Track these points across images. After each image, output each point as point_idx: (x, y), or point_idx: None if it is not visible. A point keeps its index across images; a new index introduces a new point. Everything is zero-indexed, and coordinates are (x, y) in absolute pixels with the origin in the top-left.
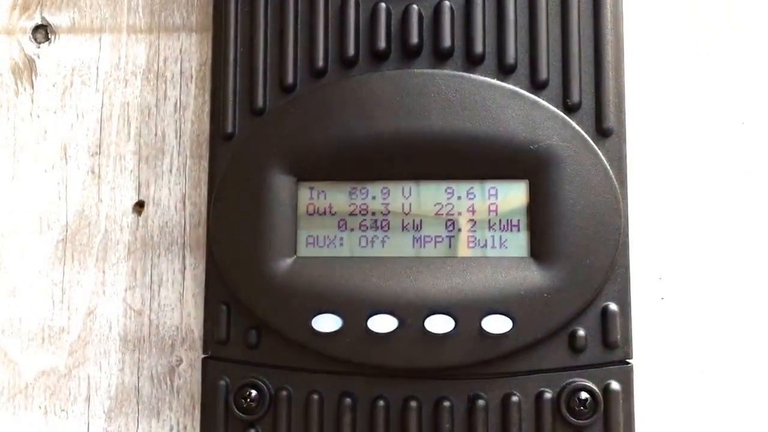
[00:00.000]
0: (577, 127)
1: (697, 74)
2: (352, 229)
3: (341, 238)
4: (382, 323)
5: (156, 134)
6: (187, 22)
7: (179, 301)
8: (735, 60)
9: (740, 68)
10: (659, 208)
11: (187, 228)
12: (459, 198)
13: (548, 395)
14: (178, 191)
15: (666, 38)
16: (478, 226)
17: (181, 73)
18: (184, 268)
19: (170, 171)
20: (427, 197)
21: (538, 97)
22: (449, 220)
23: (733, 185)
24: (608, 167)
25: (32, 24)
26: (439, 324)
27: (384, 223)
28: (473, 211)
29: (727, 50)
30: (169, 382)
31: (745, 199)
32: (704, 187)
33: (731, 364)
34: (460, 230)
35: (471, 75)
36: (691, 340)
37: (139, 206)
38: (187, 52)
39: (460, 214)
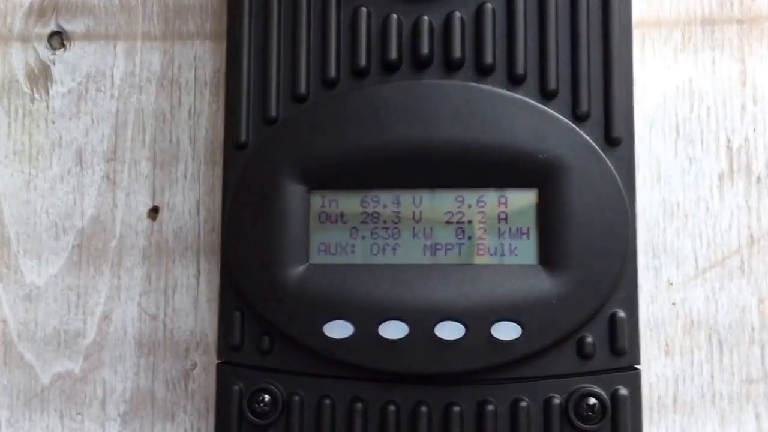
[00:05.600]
0: (586, 137)
1: (707, 79)
2: (363, 237)
3: (353, 246)
4: (393, 329)
5: (170, 140)
6: (201, 30)
7: (194, 305)
8: (745, 65)
9: (751, 74)
10: (669, 213)
11: (201, 233)
12: (469, 206)
13: (557, 401)
14: (193, 197)
15: (675, 46)
16: (488, 233)
17: (195, 79)
18: (199, 273)
19: (185, 177)
20: (438, 205)
21: (548, 107)
22: (459, 227)
23: (746, 191)
24: (617, 176)
25: (48, 31)
26: (449, 330)
27: (395, 231)
28: (483, 219)
29: (738, 57)
30: (183, 386)
31: (758, 205)
32: (716, 194)
33: (743, 369)
34: (470, 238)
35: (481, 85)
36: (701, 345)
37: (154, 212)
38: (201, 59)
39: (470, 222)
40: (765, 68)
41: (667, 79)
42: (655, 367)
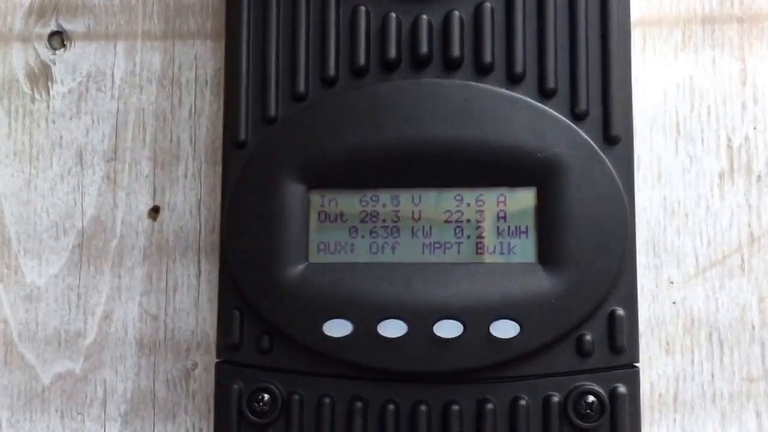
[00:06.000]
0: (585, 135)
1: (707, 78)
2: (362, 236)
3: (352, 245)
4: (392, 328)
5: (171, 140)
6: (202, 29)
7: (194, 305)
8: (745, 64)
9: (751, 72)
10: (670, 212)
11: (202, 233)
12: (468, 205)
13: (555, 399)
14: (193, 196)
15: (675, 44)
16: (487, 232)
17: (195, 79)
18: (200, 273)
19: (185, 176)
20: (437, 204)
21: (546, 105)
22: (458, 226)
23: (746, 190)
24: (615, 175)
25: (48, 30)
26: (448, 329)
27: (394, 230)
28: (482, 218)
29: (738, 55)
30: (184, 386)
31: (758, 204)
32: (717, 192)
33: (743, 368)
34: (469, 237)
35: (480, 84)
36: (702, 344)
37: (155, 211)
38: (202, 59)
39: (469, 220)
40: (765, 67)
41: (667, 78)
42: (655, 366)
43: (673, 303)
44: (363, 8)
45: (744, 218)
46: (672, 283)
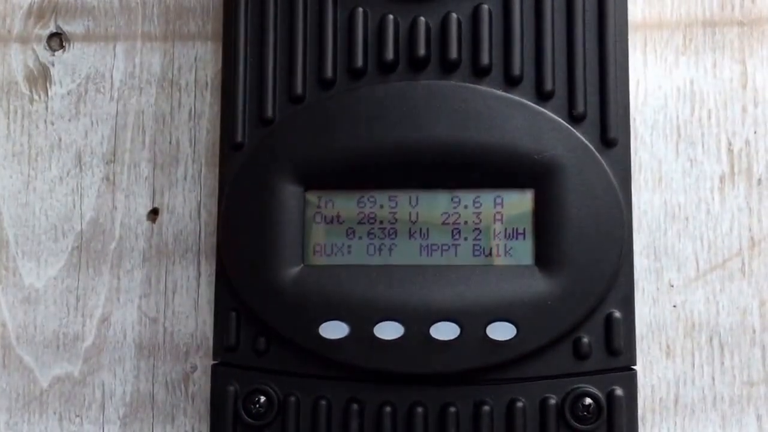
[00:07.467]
0: (582, 138)
1: (708, 82)
2: (359, 237)
3: (349, 246)
4: (389, 330)
5: (171, 142)
6: (202, 31)
7: (194, 308)
8: (746, 67)
9: (752, 76)
10: (671, 215)
11: (202, 235)
12: (465, 207)
13: (552, 401)
14: (193, 199)
15: (676, 48)
16: (484, 234)
17: (195, 81)
18: (199, 275)
19: (185, 178)
20: (434, 206)
21: (544, 107)
22: (455, 228)
23: (747, 194)
24: (612, 177)
25: (47, 32)
26: (445, 331)
27: (391, 231)
28: (479, 220)
29: (739, 59)
30: (183, 389)
31: (759, 207)
32: (717, 196)
33: (744, 372)
34: (466, 239)
35: (477, 86)
36: (702, 347)
37: (154, 214)
38: (202, 60)
39: (466, 222)
40: (766, 70)
41: (668, 81)
42: (656, 370)
43: (674, 306)
44: (360, 10)
45: (744, 222)
46: (672, 286)
